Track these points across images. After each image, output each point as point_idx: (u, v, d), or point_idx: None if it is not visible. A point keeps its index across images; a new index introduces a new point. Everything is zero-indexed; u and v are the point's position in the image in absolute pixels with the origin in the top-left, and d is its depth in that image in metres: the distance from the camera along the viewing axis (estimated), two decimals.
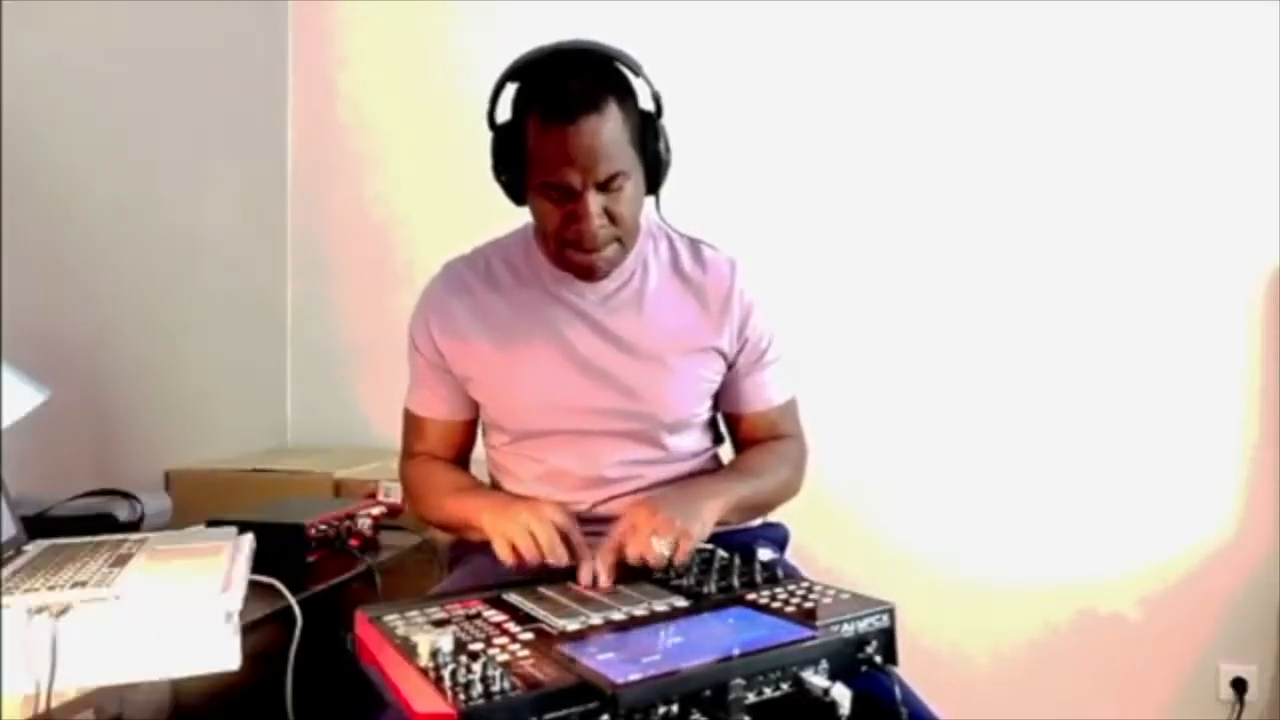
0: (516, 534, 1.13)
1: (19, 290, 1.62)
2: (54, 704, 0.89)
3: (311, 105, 2.54)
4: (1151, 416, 2.16)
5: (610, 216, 1.18)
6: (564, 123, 1.12)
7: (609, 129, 1.14)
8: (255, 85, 2.45)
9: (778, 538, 1.41)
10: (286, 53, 2.54)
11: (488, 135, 1.24)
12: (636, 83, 1.21)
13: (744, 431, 1.40)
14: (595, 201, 1.16)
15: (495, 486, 1.42)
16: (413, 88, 2.47)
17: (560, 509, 1.18)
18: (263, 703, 1.15)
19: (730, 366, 1.34)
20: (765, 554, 1.21)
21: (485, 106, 1.22)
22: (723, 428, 1.44)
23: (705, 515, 1.18)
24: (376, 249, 2.47)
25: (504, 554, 1.14)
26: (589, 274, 1.25)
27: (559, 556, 1.12)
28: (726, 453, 1.44)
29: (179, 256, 2.11)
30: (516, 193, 1.24)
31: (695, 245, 1.35)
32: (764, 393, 1.37)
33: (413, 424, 1.42)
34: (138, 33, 1.98)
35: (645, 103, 1.22)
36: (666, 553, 1.09)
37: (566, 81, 1.14)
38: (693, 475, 1.34)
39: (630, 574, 1.13)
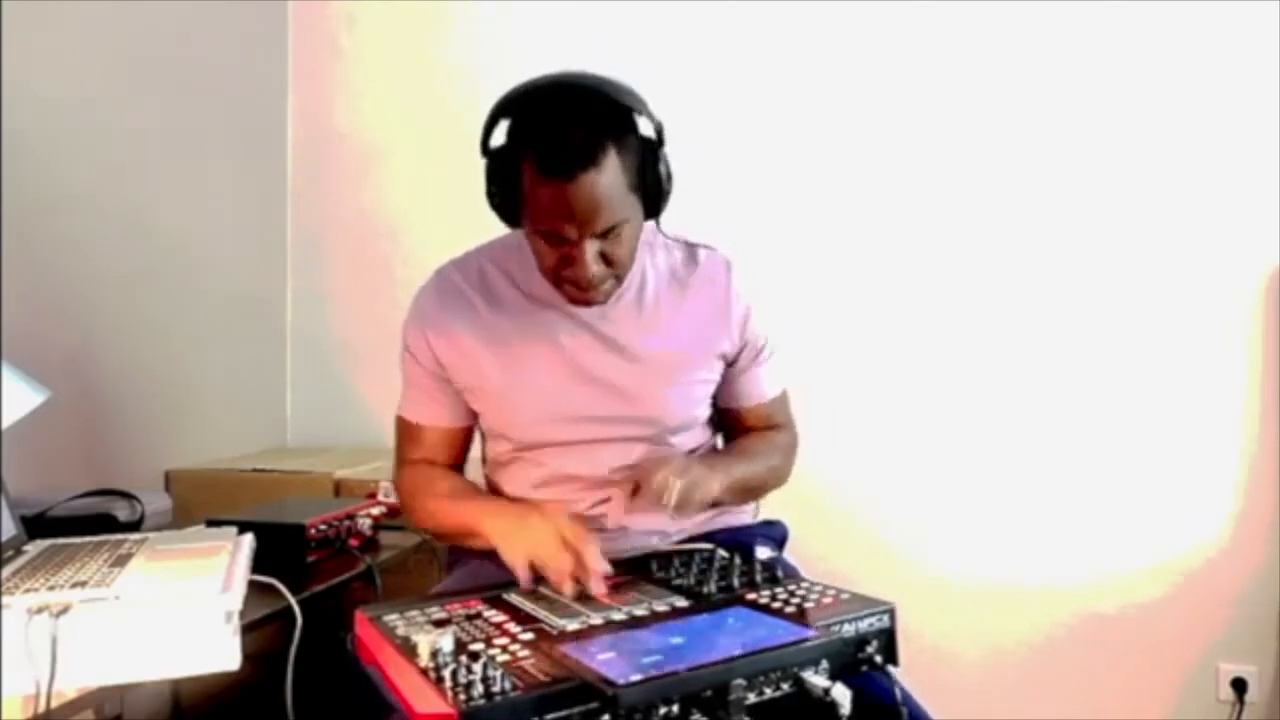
0: (540, 552, 1.11)
1: (18, 290, 1.62)
2: (54, 704, 0.89)
3: (311, 106, 2.54)
4: (1152, 417, 2.16)
5: (607, 259, 1.17)
6: (563, 180, 1.09)
7: (607, 181, 1.10)
8: (255, 86, 2.45)
9: (777, 536, 1.41)
10: (286, 53, 2.54)
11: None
12: (638, 117, 1.17)
13: (740, 424, 1.41)
14: (591, 249, 1.14)
15: (492, 490, 1.41)
16: (412, 88, 2.47)
17: (566, 516, 1.17)
18: (263, 703, 1.15)
19: (729, 365, 1.35)
20: (764, 553, 1.22)
21: (484, 106, 1.20)
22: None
23: (712, 479, 1.21)
24: (376, 249, 2.47)
25: (523, 574, 1.11)
26: (585, 304, 1.25)
27: (569, 586, 1.09)
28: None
29: (179, 257, 2.12)
30: (510, 219, 1.21)
31: (690, 249, 1.34)
32: (759, 388, 1.38)
33: (408, 432, 1.39)
34: (137, 34, 1.98)
35: (645, 129, 1.17)
36: (678, 485, 1.13)
37: (564, 131, 1.09)
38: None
39: (630, 572, 1.14)
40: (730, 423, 1.42)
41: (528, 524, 1.15)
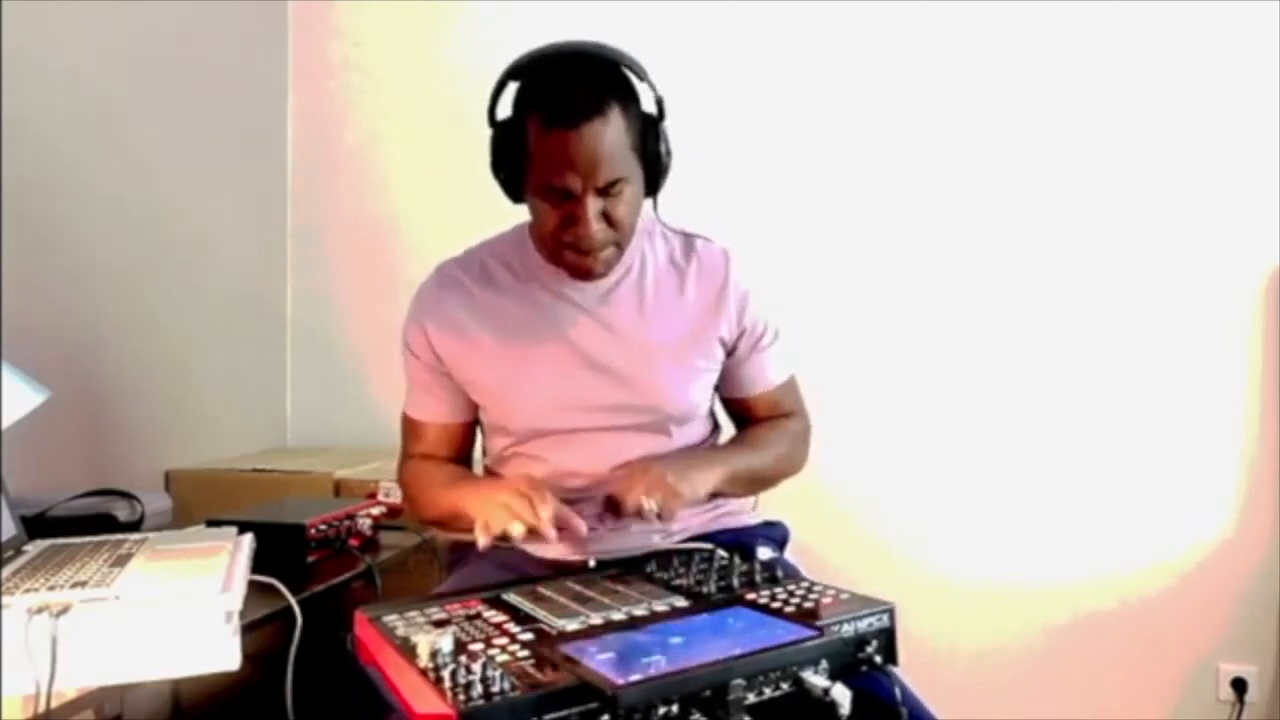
0: (493, 515, 1.13)
1: (19, 290, 1.62)
2: (54, 704, 0.89)
3: (311, 105, 2.54)
4: (1152, 417, 2.16)
5: (609, 220, 1.19)
6: (566, 128, 1.13)
7: (611, 135, 1.14)
8: (255, 85, 2.45)
9: (777, 536, 1.41)
10: (286, 53, 2.54)
11: (488, 133, 1.24)
12: (640, 86, 1.21)
13: (748, 414, 1.41)
14: (594, 206, 1.17)
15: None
16: (412, 87, 2.47)
17: (534, 482, 1.19)
18: (263, 703, 1.15)
19: (729, 354, 1.35)
20: (765, 553, 1.22)
21: (485, 105, 1.22)
22: (720, 414, 1.45)
23: (696, 480, 1.20)
24: (376, 248, 2.47)
25: (482, 540, 1.14)
26: (585, 275, 1.25)
27: (530, 523, 1.12)
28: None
29: (179, 257, 2.12)
30: (515, 190, 1.24)
31: (688, 239, 1.35)
32: (765, 375, 1.38)
33: (410, 428, 1.41)
34: (138, 33, 1.98)
35: (648, 105, 1.22)
36: (654, 506, 1.11)
37: (570, 85, 1.14)
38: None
39: (630, 572, 1.14)
40: (739, 414, 1.43)
41: (494, 492, 1.18)
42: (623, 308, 1.30)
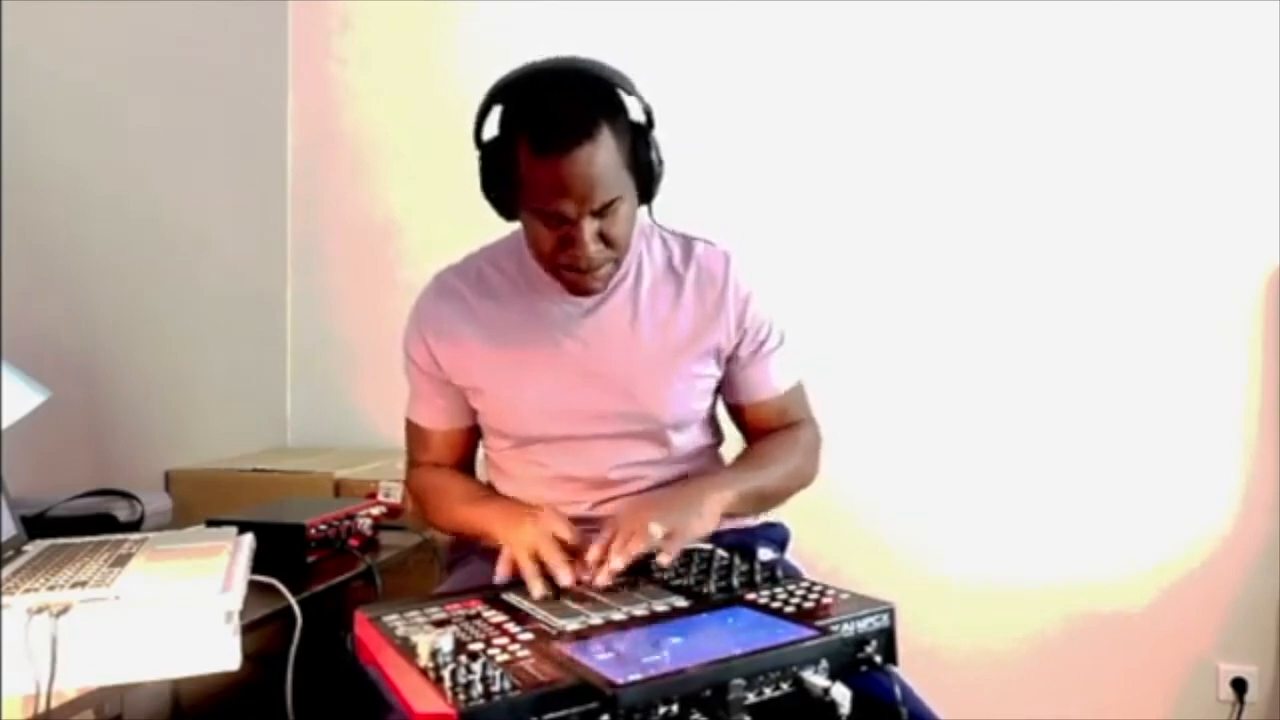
0: (522, 558, 1.12)
1: (19, 290, 1.62)
2: (54, 704, 0.89)
3: (311, 105, 2.54)
4: (1152, 417, 2.16)
5: (605, 239, 1.18)
6: (558, 154, 1.10)
7: (603, 156, 1.12)
8: (255, 85, 2.45)
9: (778, 538, 1.41)
10: (286, 53, 2.54)
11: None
12: (627, 99, 1.19)
13: (753, 421, 1.39)
14: (590, 227, 1.15)
15: (492, 488, 1.42)
16: (413, 88, 2.47)
17: (560, 519, 1.17)
18: (263, 703, 1.15)
19: (730, 359, 1.33)
20: (765, 554, 1.21)
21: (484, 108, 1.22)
22: (724, 423, 1.44)
23: (706, 511, 1.18)
24: (376, 249, 2.47)
25: (525, 576, 1.12)
26: (584, 292, 1.25)
27: (565, 574, 1.10)
28: (727, 452, 1.44)
29: (179, 257, 2.12)
30: (507, 210, 1.23)
31: (687, 242, 1.34)
32: (770, 381, 1.35)
33: (415, 435, 1.42)
34: (138, 33, 1.98)
35: (635, 114, 1.20)
36: (659, 536, 1.09)
37: (557, 108, 1.12)
38: (695, 472, 1.34)
39: (631, 573, 1.13)
40: (744, 421, 1.40)
41: (520, 526, 1.16)
42: (618, 315, 1.29)
